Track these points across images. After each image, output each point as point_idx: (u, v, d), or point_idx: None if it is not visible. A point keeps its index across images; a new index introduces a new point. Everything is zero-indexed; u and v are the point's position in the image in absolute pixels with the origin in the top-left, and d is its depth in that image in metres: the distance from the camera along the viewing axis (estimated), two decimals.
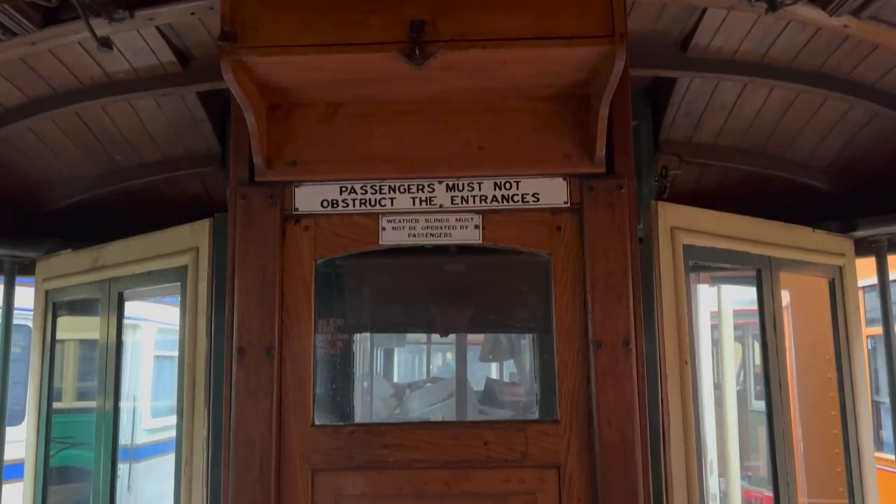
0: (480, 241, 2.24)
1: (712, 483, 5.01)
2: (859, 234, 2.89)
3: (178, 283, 2.42)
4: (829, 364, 4.11)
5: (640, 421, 2.12)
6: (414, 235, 2.23)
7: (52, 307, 3.01)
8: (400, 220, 2.23)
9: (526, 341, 6.10)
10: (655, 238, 2.30)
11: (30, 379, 3.09)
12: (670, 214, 2.35)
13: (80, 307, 3.30)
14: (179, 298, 2.45)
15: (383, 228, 2.23)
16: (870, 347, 6.23)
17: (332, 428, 2.18)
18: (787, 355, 2.88)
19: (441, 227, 2.24)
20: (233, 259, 2.20)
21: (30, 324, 3.18)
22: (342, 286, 3.29)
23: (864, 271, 3.11)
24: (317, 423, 2.17)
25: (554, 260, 2.21)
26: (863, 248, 2.98)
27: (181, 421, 2.30)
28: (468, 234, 2.24)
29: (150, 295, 5.29)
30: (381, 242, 2.23)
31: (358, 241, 2.24)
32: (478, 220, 2.23)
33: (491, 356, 6.60)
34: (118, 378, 2.70)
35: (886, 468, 3.89)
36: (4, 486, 3.09)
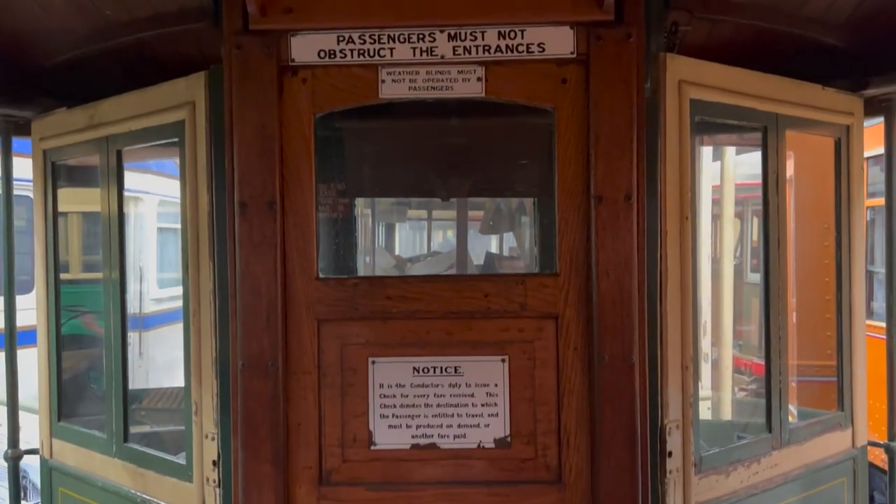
0: (483, 95, 2.19)
1: (705, 343, 5.18)
2: (870, 92, 2.82)
3: (177, 139, 2.39)
4: (828, 232, 4.13)
5: (637, 274, 2.16)
6: (414, 88, 2.18)
7: (52, 169, 2.99)
8: (400, 72, 2.17)
9: (526, 218, 6.13)
10: (662, 91, 2.25)
11: (35, 244, 3.11)
12: (678, 67, 2.28)
13: (80, 177, 3.28)
14: (179, 156, 2.42)
15: (383, 81, 2.18)
16: (868, 219, 6.26)
17: (336, 280, 2.23)
18: (787, 222, 2.88)
19: (442, 80, 2.18)
20: (230, 113, 2.16)
21: (31, 194, 3.17)
22: (342, 149, 3.27)
23: (868, 142, 3.07)
24: (321, 276, 2.21)
25: (558, 114, 2.17)
26: (872, 109, 2.92)
27: (186, 275, 2.34)
28: (470, 87, 2.19)
29: (149, 157, 5.27)
30: (380, 96, 2.19)
31: (357, 94, 2.19)
32: (480, 72, 2.18)
33: (491, 225, 6.64)
34: (122, 246, 2.72)
35: (875, 335, 3.99)
36: (19, 352, 3.18)
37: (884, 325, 3.20)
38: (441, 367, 2.22)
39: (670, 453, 2.25)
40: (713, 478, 2.36)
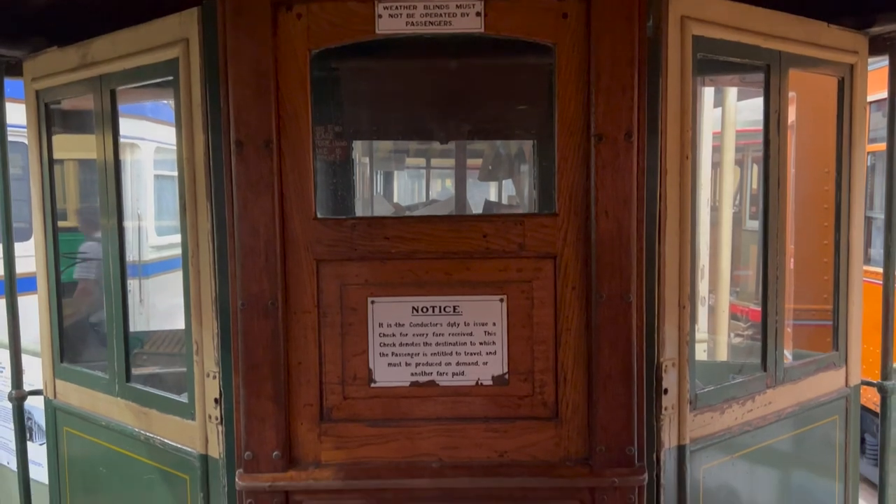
0: (482, 30, 2.15)
1: (702, 287, 5.21)
2: (875, 30, 2.77)
3: (171, 78, 2.35)
4: (828, 177, 4.12)
5: (637, 213, 2.15)
6: (412, 24, 2.14)
7: (46, 112, 2.95)
8: (397, 7, 2.12)
9: (525, 166, 6.09)
10: (664, 27, 2.20)
11: (31, 190, 3.09)
12: (681, 2, 2.24)
13: (75, 123, 3.25)
14: (173, 96, 2.39)
15: (379, 16, 2.13)
16: (869, 164, 6.24)
17: (334, 220, 2.22)
18: (788, 166, 2.86)
19: (440, 15, 2.14)
20: (224, 50, 2.12)
21: (27, 140, 3.14)
22: (339, 91, 3.23)
23: (870, 87, 3.03)
24: (319, 216, 2.20)
25: (558, 50, 2.13)
26: (877, 47, 2.87)
27: (184, 215, 2.33)
28: (469, 22, 2.14)
29: (144, 99, 5.20)
30: (377, 31, 2.14)
31: (353, 29, 2.15)
32: (479, 6, 2.13)
33: (490, 170, 6.60)
34: (119, 190, 2.70)
35: (872, 280, 4.02)
36: (19, 299, 3.19)
37: (880, 270, 3.21)
38: (440, 307, 2.23)
39: (666, 390, 2.28)
40: (708, 415, 2.40)
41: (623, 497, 2.18)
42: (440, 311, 2.23)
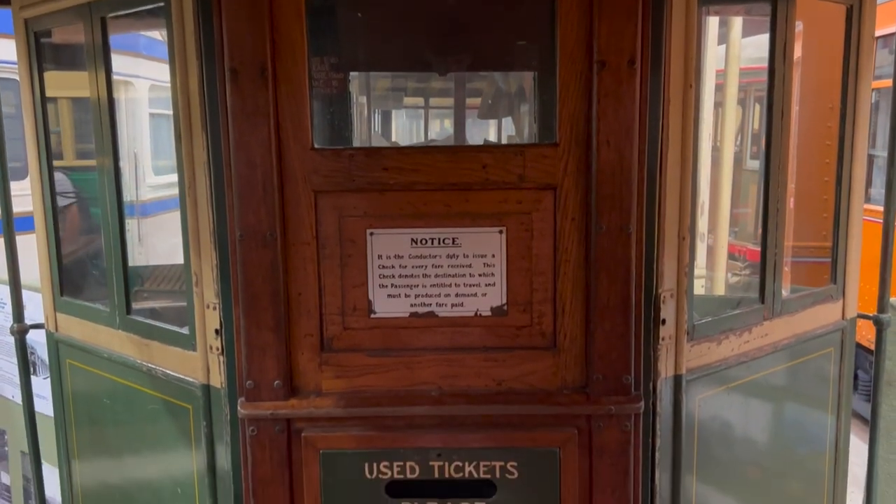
0: None
1: (702, 223, 5.21)
2: None
3: (162, 3, 2.28)
4: (832, 113, 4.06)
5: (638, 143, 2.13)
6: None
7: (36, 44, 2.89)
8: None
9: (526, 106, 6.01)
10: None
11: (25, 128, 3.05)
12: None
13: (67, 59, 3.18)
14: (165, 24, 2.33)
15: None
16: (873, 101, 6.16)
17: (331, 151, 2.19)
18: (792, 99, 2.82)
19: None
20: None
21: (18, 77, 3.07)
22: (335, 21, 3.15)
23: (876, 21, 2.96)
24: (316, 146, 2.18)
25: None
26: None
27: (180, 145, 2.30)
28: None
29: (136, 29, 5.09)
30: None
31: None
32: None
33: (490, 106, 6.52)
34: (114, 127, 2.66)
35: (871, 218, 4.01)
36: (18, 237, 3.18)
37: (880, 208, 3.19)
38: (439, 239, 2.22)
39: (664, 321, 2.29)
40: (705, 345, 2.42)
41: (619, 424, 2.21)
42: (439, 243, 2.23)
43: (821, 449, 2.95)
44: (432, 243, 2.22)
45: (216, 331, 2.34)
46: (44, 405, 3.50)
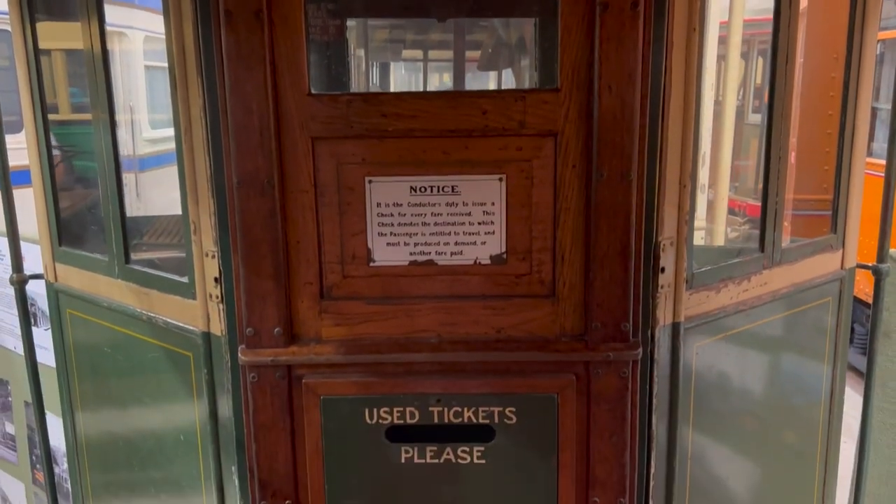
0: None
1: (702, 174, 5.19)
2: None
3: None
4: (836, 63, 4.01)
5: (641, 88, 2.09)
6: None
7: None
8: None
9: (527, 59, 5.92)
10: None
11: (19, 81, 3.00)
12: None
13: (58, 8, 3.11)
14: None
15: None
16: (878, 52, 6.08)
17: (329, 97, 2.16)
18: (797, 45, 2.77)
19: None
20: None
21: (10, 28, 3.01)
22: None
23: None
24: (313, 92, 2.14)
25: None
26: None
27: (175, 92, 2.26)
28: None
29: None
30: None
31: None
32: None
33: (490, 55, 6.43)
34: (108, 80, 2.61)
35: (873, 172, 3.99)
36: (15, 192, 3.15)
37: (882, 161, 3.17)
38: (438, 187, 2.21)
39: (663, 269, 2.29)
40: (704, 294, 2.43)
41: (617, 370, 2.23)
42: (439, 191, 2.21)
43: (816, 399, 2.99)
44: (431, 191, 2.21)
45: (215, 279, 2.34)
46: (45, 356, 3.52)
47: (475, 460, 2.28)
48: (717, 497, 2.73)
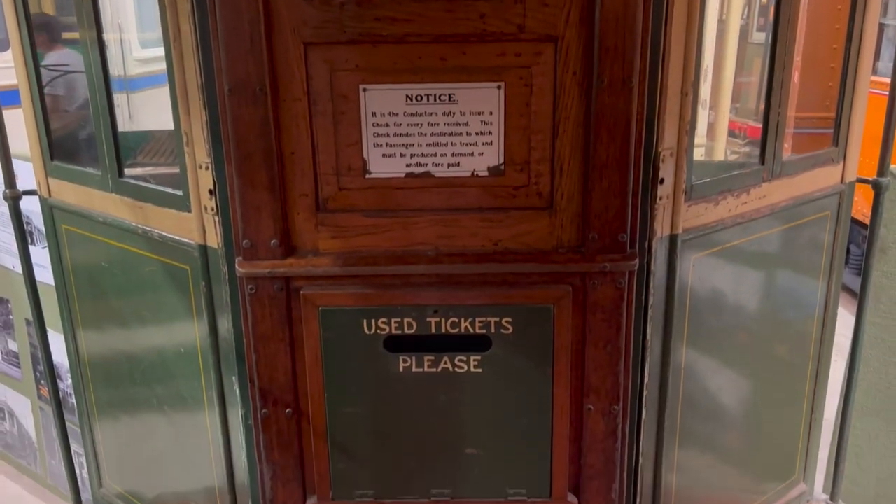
0: None
1: (704, 90, 5.10)
2: None
3: None
4: None
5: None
6: None
7: None
8: None
9: None
10: None
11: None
12: None
13: None
14: None
15: None
16: None
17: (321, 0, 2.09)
18: None
19: None
20: None
21: None
22: None
23: None
24: None
25: None
26: None
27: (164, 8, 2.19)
28: None
29: None
30: None
31: None
32: None
33: None
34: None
35: (877, 91, 3.91)
36: (4, 112, 3.08)
37: (887, 80, 3.10)
38: (435, 95, 2.16)
39: (662, 180, 2.27)
40: (702, 205, 2.41)
41: (613, 281, 2.24)
42: (435, 100, 2.17)
43: (810, 312, 3.01)
44: (428, 100, 2.16)
45: (210, 191, 2.32)
46: (44, 274, 3.52)
47: (472, 369, 2.31)
48: (709, 407, 2.79)
